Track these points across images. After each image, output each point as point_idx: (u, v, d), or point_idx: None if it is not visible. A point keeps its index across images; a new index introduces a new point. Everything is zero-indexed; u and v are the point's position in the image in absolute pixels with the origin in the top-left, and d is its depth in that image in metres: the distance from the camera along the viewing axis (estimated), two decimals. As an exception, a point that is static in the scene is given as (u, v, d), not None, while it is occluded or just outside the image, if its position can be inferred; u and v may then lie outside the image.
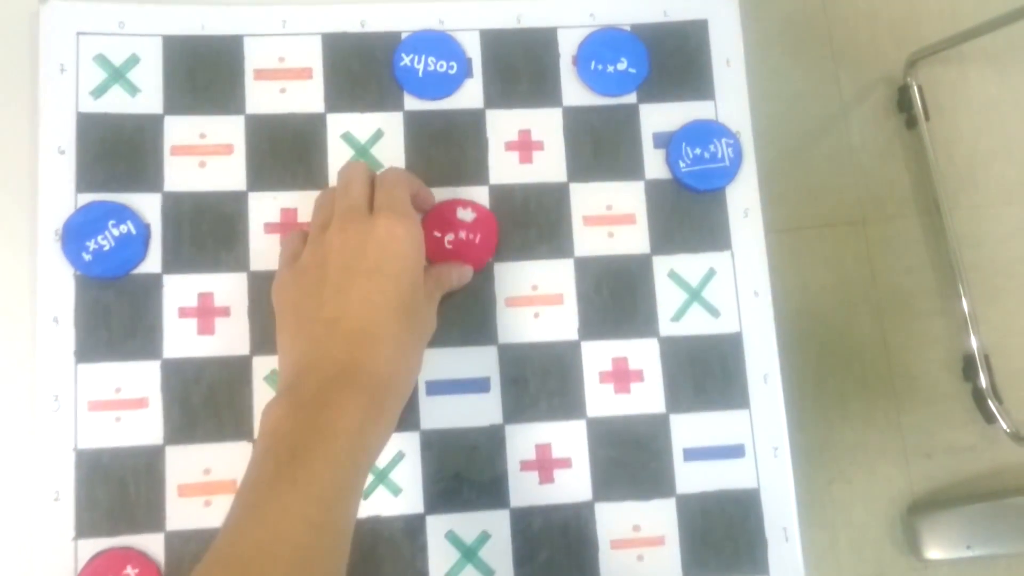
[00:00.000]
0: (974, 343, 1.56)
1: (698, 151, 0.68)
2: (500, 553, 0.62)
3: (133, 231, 0.63)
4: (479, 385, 0.64)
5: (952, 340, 1.62)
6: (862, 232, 1.65)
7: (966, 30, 1.52)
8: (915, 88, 1.64)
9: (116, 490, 0.60)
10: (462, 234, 0.65)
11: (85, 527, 0.60)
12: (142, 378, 0.62)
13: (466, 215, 0.65)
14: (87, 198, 0.63)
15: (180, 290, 0.63)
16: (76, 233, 0.62)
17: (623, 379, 0.65)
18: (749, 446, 0.65)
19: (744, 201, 0.68)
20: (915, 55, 1.64)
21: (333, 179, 0.65)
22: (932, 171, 1.63)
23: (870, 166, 1.67)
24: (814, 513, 1.55)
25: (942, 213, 1.62)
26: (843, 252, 1.65)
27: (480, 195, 0.66)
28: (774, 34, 1.68)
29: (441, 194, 0.66)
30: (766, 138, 0.70)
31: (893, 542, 1.55)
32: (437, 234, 0.65)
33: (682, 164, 0.67)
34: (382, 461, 0.62)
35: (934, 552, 1.51)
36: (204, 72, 0.66)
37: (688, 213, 0.68)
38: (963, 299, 1.59)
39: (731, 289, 0.67)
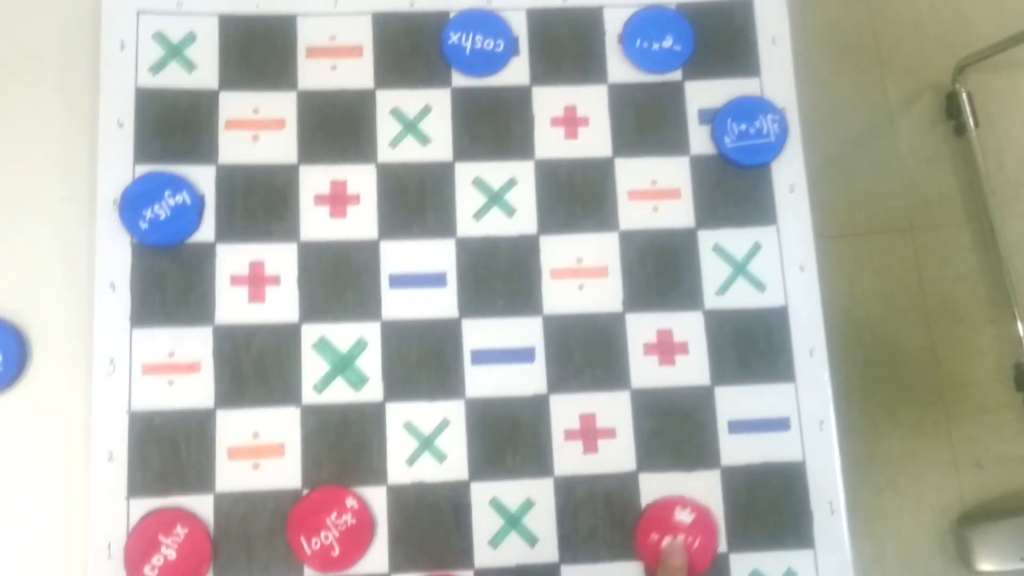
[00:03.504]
0: (1027, 353, 1.54)
1: (743, 127, 0.68)
2: (544, 520, 0.62)
3: (188, 201, 0.64)
4: (524, 355, 0.65)
5: (1003, 350, 1.59)
6: (910, 239, 1.63)
7: (1015, 35, 1.49)
8: (964, 95, 1.62)
9: (168, 451, 0.62)
10: (680, 538, 0.63)
11: (137, 487, 0.61)
12: (195, 343, 0.63)
13: (684, 516, 0.63)
14: (144, 169, 0.65)
15: (232, 259, 0.65)
16: (133, 202, 0.64)
17: (668, 351, 0.65)
18: (795, 419, 0.65)
19: (790, 176, 0.68)
20: (963, 61, 1.62)
21: (383, 154, 0.66)
22: (982, 178, 1.60)
23: (918, 173, 1.65)
24: (862, 523, 1.52)
25: (992, 221, 1.59)
26: (891, 260, 1.63)
27: (526, 170, 0.67)
28: (821, 42, 1.67)
29: (488, 167, 0.67)
30: (813, 145, 0.70)
31: (943, 553, 1.52)
32: (654, 536, 0.63)
33: (727, 140, 0.68)
34: (428, 427, 0.63)
35: (986, 564, 1.48)
36: (258, 50, 0.68)
37: (733, 188, 0.68)
38: (1015, 308, 1.56)
39: (776, 263, 0.67)
